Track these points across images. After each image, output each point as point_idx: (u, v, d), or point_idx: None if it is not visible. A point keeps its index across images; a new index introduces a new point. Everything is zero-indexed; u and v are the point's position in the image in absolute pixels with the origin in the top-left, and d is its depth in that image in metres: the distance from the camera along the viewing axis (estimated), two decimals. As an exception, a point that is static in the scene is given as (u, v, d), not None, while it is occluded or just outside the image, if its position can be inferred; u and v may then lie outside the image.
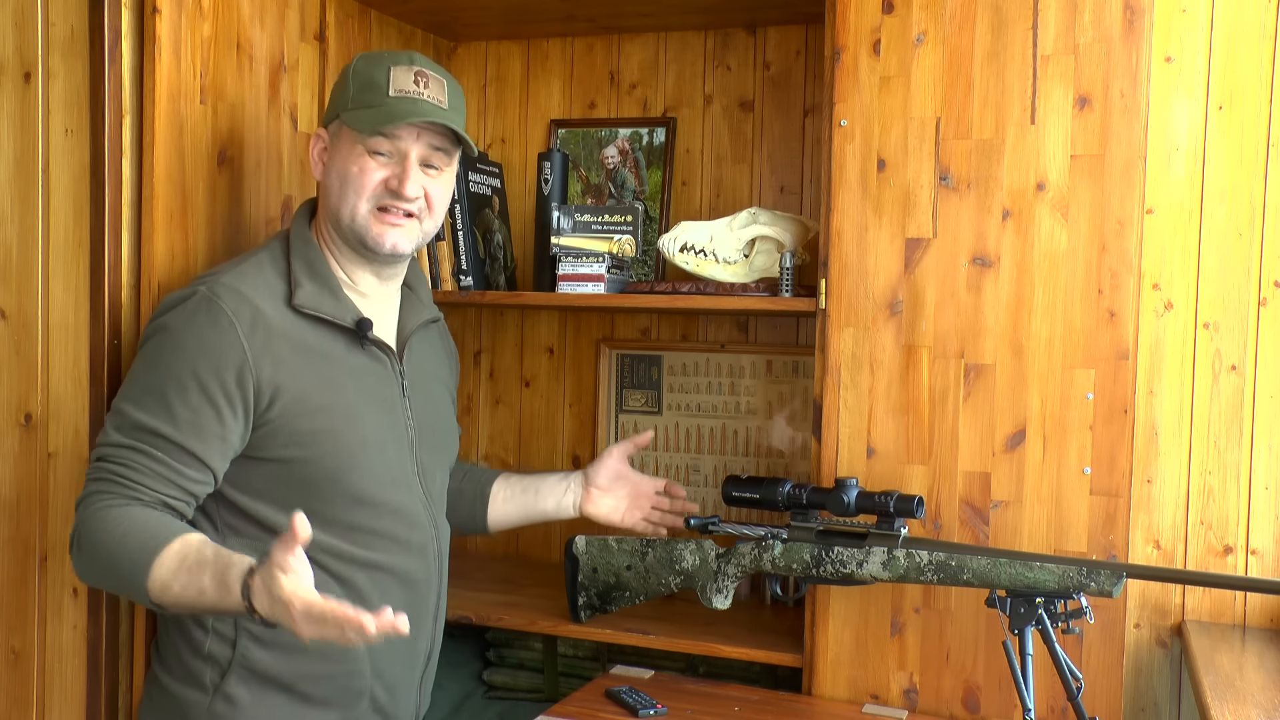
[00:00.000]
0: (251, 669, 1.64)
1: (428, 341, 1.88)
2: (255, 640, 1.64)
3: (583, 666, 2.26)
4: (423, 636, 1.80)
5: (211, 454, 1.58)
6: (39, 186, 1.81)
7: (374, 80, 1.67)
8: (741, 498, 1.92)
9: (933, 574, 1.75)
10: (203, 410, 1.57)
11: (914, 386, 1.88)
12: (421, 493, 1.77)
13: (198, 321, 1.59)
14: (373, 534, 1.69)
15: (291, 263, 1.69)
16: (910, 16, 1.87)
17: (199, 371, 1.57)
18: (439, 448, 1.86)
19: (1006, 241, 1.83)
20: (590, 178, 2.47)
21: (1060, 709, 1.79)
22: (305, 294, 1.66)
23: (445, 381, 1.96)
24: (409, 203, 1.68)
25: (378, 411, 1.71)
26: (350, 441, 1.66)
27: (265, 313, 1.62)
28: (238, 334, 1.59)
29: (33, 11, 1.79)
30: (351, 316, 1.69)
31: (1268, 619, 1.97)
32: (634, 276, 2.31)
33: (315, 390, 1.64)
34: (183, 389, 1.57)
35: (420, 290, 1.88)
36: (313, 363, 1.65)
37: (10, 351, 1.83)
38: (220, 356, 1.57)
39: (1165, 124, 2.00)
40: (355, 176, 1.66)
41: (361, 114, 1.66)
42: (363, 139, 1.66)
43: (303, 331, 1.65)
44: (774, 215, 2.10)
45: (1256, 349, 1.97)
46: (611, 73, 2.49)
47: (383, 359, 1.74)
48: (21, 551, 1.83)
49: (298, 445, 1.62)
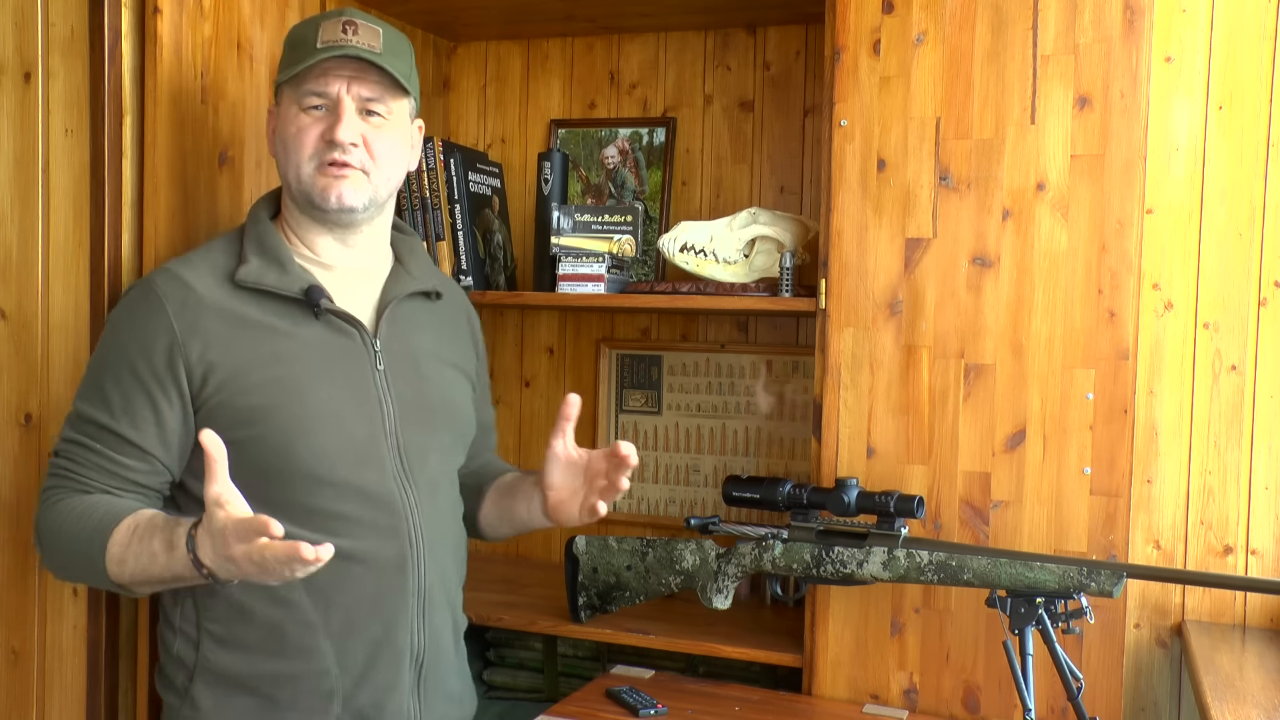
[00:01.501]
0: (215, 672, 1.59)
1: (423, 316, 1.77)
2: (216, 641, 1.59)
3: (583, 666, 2.26)
4: (402, 630, 1.64)
5: (149, 441, 1.55)
6: (39, 186, 1.81)
7: (304, 38, 1.63)
8: (741, 498, 1.92)
9: (933, 574, 1.75)
10: (135, 397, 1.55)
11: (914, 386, 1.88)
12: (398, 473, 1.64)
13: (134, 309, 1.58)
14: (335, 517, 1.59)
15: (243, 242, 1.65)
16: (910, 16, 1.87)
17: (130, 357, 1.56)
18: (434, 427, 1.73)
19: (1006, 241, 1.83)
20: (590, 178, 2.47)
21: (1060, 709, 1.79)
22: (248, 269, 1.61)
23: (449, 358, 1.81)
24: (346, 152, 1.61)
25: (338, 386, 1.62)
26: (300, 416, 1.58)
27: (199, 292, 1.58)
28: (167, 314, 1.56)
29: (33, 11, 1.79)
30: (299, 286, 1.62)
31: (1268, 619, 1.97)
32: (634, 276, 2.31)
33: (255, 366, 1.58)
34: (117, 377, 1.56)
35: (412, 264, 1.78)
36: (253, 338, 1.59)
37: (10, 351, 1.83)
38: (149, 339, 1.56)
39: (1165, 124, 2.00)
40: (294, 136, 1.62)
41: (288, 71, 1.62)
42: (296, 97, 1.62)
43: (244, 307, 1.60)
44: (774, 215, 2.10)
45: (1256, 349, 1.97)
46: (611, 73, 2.49)
47: (349, 331, 1.65)
48: (22, 551, 1.83)
49: (242, 425, 1.55)
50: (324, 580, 1.54)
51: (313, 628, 1.59)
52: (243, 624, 1.59)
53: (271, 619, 1.58)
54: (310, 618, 1.58)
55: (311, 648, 1.59)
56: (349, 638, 1.60)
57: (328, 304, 1.63)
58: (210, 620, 1.60)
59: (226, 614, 1.59)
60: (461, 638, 1.79)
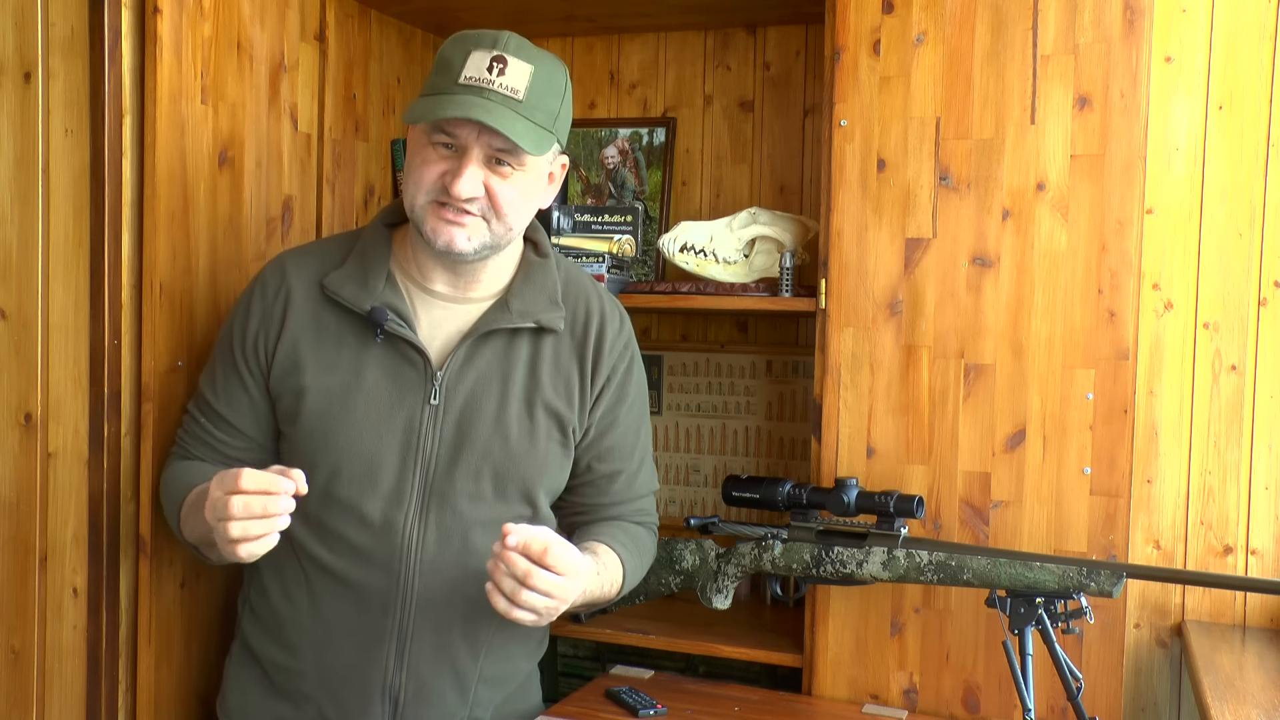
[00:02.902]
0: (243, 637, 1.71)
1: (518, 351, 1.64)
2: (250, 611, 1.70)
3: (583, 666, 2.26)
4: (375, 664, 1.59)
5: (243, 419, 1.65)
6: (39, 186, 1.80)
7: (450, 62, 1.54)
8: (741, 498, 1.92)
9: (933, 574, 1.75)
10: (230, 376, 1.65)
11: (914, 386, 1.88)
12: (415, 510, 1.58)
13: (246, 293, 1.68)
14: (335, 536, 1.59)
15: (355, 245, 1.67)
16: (910, 16, 1.87)
17: (231, 338, 1.66)
18: (479, 473, 1.61)
19: (1006, 241, 1.83)
20: (590, 178, 2.47)
21: (1060, 709, 1.79)
22: (334, 277, 1.62)
23: (544, 401, 1.65)
24: (462, 202, 1.52)
25: (380, 413, 1.58)
26: (332, 431, 1.58)
27: (297, 285, 1.64)
28: (264, 300, 1.64)
29: (33, 11, 1.79)
30: (369, 304, 1.58)
31: (1268, 619, 1.97)
32: (634, 276, 2.31)
33: (312, 369, 1.61)
34: (222, 356, 1.67)
35: (525, 293, 1.65)
36: (321, 342, 1.62)
37: (10, 351, 1.83)
38: (245, 323, 1.65)
39: (1165, 124, 2.00)
40: (417, 167, 1.56)
41: (422, 101, 1.53)
42: (427, 126, 1.53)
43: (324, 311, 1.63)
44: (774, 215, 2.10)
45: (1256, 349, 1.97)
46: (611, 73, 2.49)
47: (412, 359, 1.59)
48: (21, 551, 1.83)
49: (288, 420, 1.63)
50: (318, 590, 1.63)
51: (302, 630, 1.64)
52: (264, 603, 1.68)
53: (280, 610, 1.65)
54: (303, 620, 1.64)
55: (298, 647, 1.64)
56: (326, 651, 1.63)
57: (392, 328, 1.58)
58: (254, 591, 1.71)
59: (259, 591, 1.69)
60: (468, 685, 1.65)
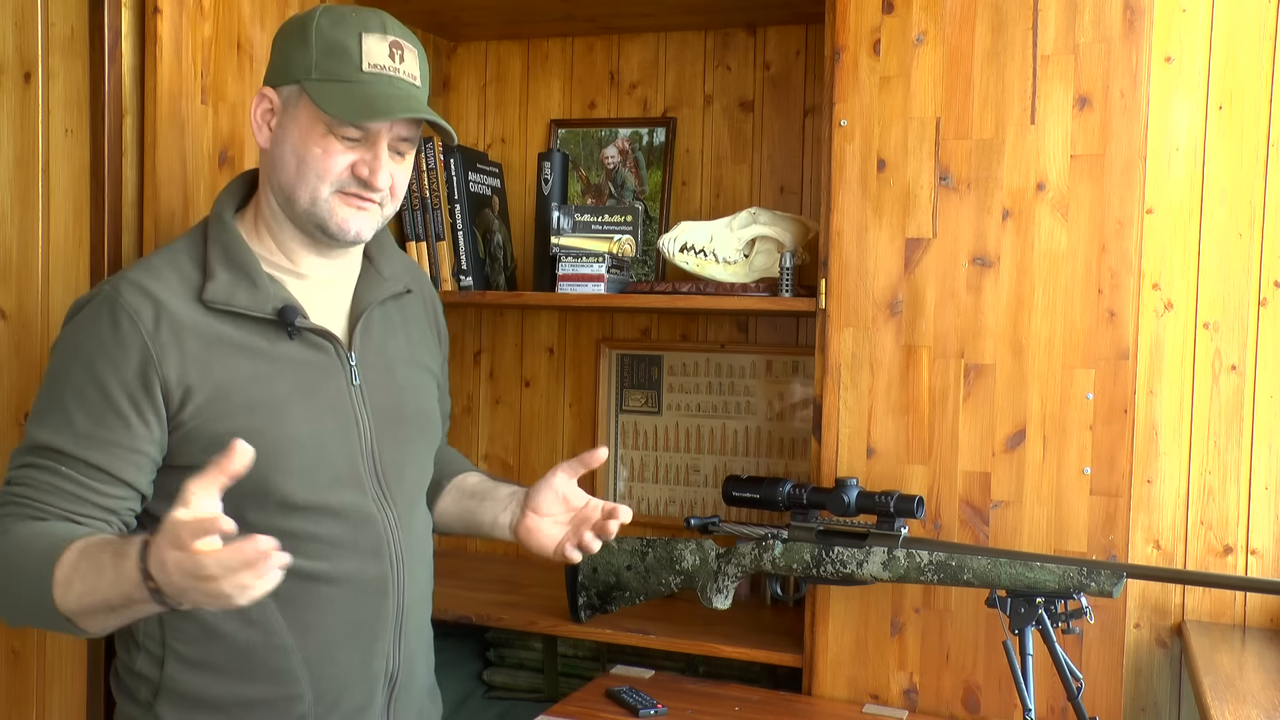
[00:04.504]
0: (180, 693, 1.50)
1: (394, 319, 1.68)
2: (183, 661, 1.50)
3: (583, 666, 2.26)
4: (379, 654, 1.58)
5: (124, 467, 1.43)
6: (39, 186, 1.81)
7: (343, 46, 1.48)
8: (741, 498, 1.92)
9: (933, 574, 1.75)
10: (107, 419, 1.42)
11: (914, 386, 1.88)
12: (377, 491, 1.57)
13: (98, 324, 1.44)
14: (314, 540, 1.50)
15: (208, 250, 1.51)
16: (910, 16, 1.87)
17: (99, 376, 1.42)
18: (407, 438, 1.65)
19: (1006, 241, 1.83)
20: (590, 178, 2.47)
21: (1060, 709, 1.79)
22: (217, 286, 1.48)
23: (421, 361, 1.73)
24: (377, 192, 1.52)
25: (315, 406, 1.53)
26: (279, 441, 1.48)
27: (172, 308, 1.46)
28: (140, 332, 1.43)
29: (33, 11, 1.79)
30: (272, 306, 1.50)
31: (1268, 619, 1.97)
32: (634, 276, 2.31)
33: (235, 388, 1.47)
34: (83, 398, 1.42)
35: (382, 261, 1.67)
36: (231, 358, 1.48)
37: (10, 351, 1.83)
38: (121, 358, 1.43)
39: (1165, 124, 2.00)
40: (318, 159, 1.49)
41: (331, 90, 1.47)
42: (326, 116, 1.48)
43: (218, 326, 1.48)
44: (774, 215, 2.10)
45: (1256, 349, 1.97)
46: (611, 73, 2.49)
47: (324, 346, 1.55)
48: (21, 551, 1.83)
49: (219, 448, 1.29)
50: (301, 603, 1.50)
51: (287, 651, 1.51)
52: (212, 644, 1.50)
53: (243, 641, 1.49)
54: (285, 641, 1.51)
55: (284, 671, 1.51)
56: (325, 662, 1.53)
57: (303, 322, 1.53)
58: (177, 639, 1.50)
59: (195, 633, 1.49)
60: (432, 651, 1.73)
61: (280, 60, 1.54)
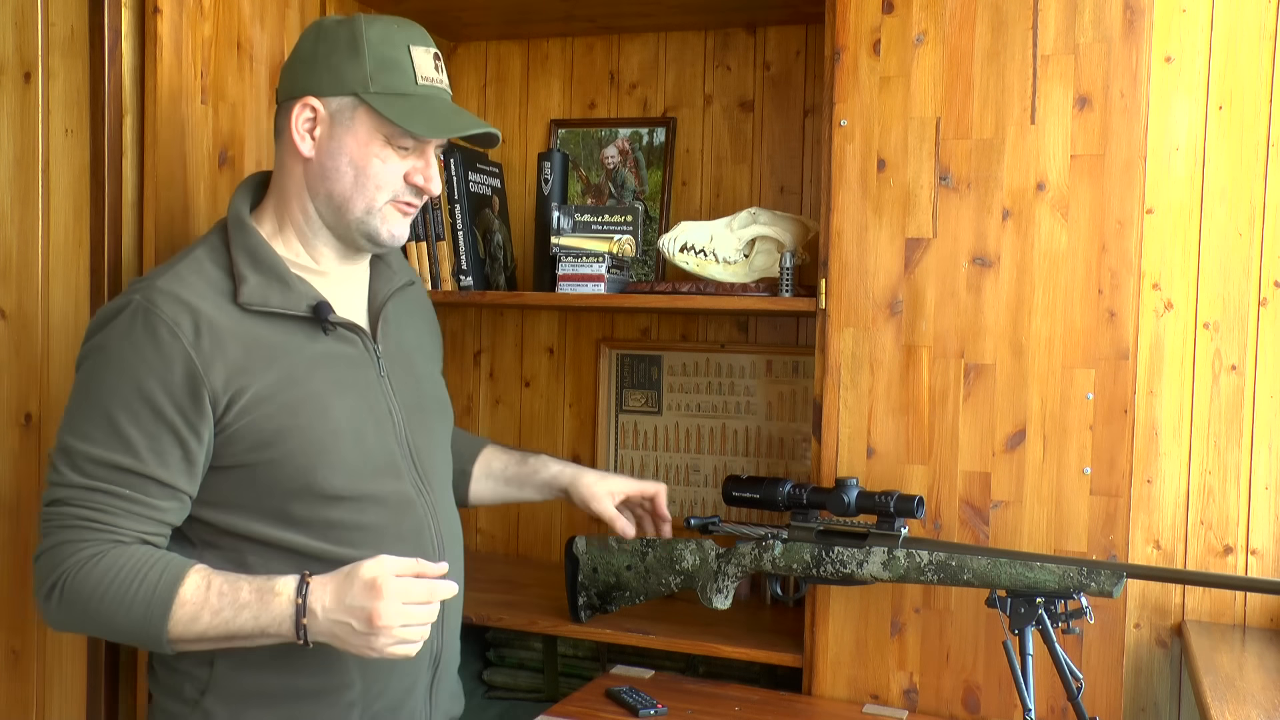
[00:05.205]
0: (230, 688, 1.54)
1: (404, 310, 1.74)
2: (231, 660, 1.53)
3: (583, 666, 2.26)
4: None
5: (179, 479, 1.47)
6: (39, 186, 1.81)
7: (396, 60, 1.53)
8: (741, 498, 1.92)
9: (933, 574, 1.75)
10: (160, 435, 1.45)
11: (914, 386, 1.88)
12: (414, 477, 1.63)
13: (135, 336, 1.46)
14: (357, 529, 1.56)
15: (232, 255, 1.54)
16: (910, 16, 1.87)
17: (147, 391, 1.44)
18: (431, 426, 1.71)
19: (1006, 241, 1.83)
20: (590, 178, 2.47)
21: (1060, 709, 1.79)
22: (250, 289, 1.52)
23: (428, 351, 1.81)
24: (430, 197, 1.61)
25: (352, 398, 1.58)
26: (321, 436, 1.53)
27: (209, 315, 1.48)
28: (181, 343, 1.45)
29: (33, 11, 1.79)
30: (306, 303, 1.55)
31: (1268, 619, 1.97)
32: (634, 276, 2.31)
33: (277, 388, 1.51)
34: (133, 414, 1.44)
35: (394, 260, 1.75)
36: (271, 358, 1.52)
37: (10, 351, 1.83)
38: (166, 372, 1.45)
39: (1165, 124, 2.00)
40: (379, 170, 1.55)
41: (396, 104, 1.52)
42: (384, 127, 1.53)
43: (254, 327, 1.52)
44: (774, 215, 2.10)
45: (1256, 349, 1.97)
46: (611, 73, 2.49)
47: (353, 340, 1.60)
48: (21, 551, 1.83)
49: (264, 448, 1.49)
50: None
51: None
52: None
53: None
54: None
55: (334, 660, 1.54)
56: None
57: (335, 317, 1.58)
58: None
59: None
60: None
61: (326, 70, 1.54)
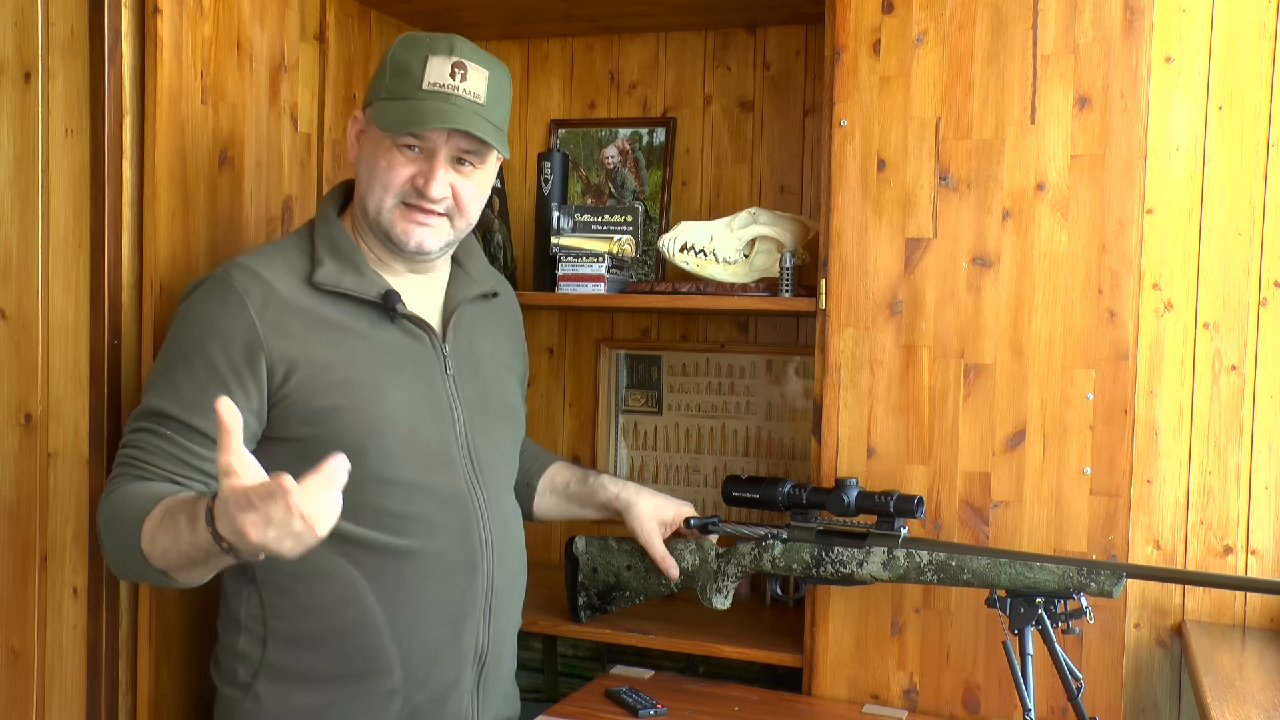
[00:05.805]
0: (280, 669, 1.61)
1: (484, 317, 1.80)
2: (283, 640, 1.60)
3: (583, 666, 2.26)
4: (468, 632, 1.66)
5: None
6: (39, 186, 1.81)
7: (409, 68, 1.60)
8: (741, 498, 1.92)
9: (933, 574, 1.75)
10: (210, 388, 1.51)
11: (914, 386, 1.88)
12: (469, 474, 1.66)
13: (208, 301, 1.57)
14: (405, 518, 1.60)
15: (315, 242, 1.65)
16: (910, 16, 1.87)
17: (206, 349, 1.54)
18: (494, 429, 1.75)
19: (1006, 241, 1.83)
20: (590, 178, 2.47)
21: (1060, 709, 1.79)
22: (325, 271, 1.61)
23: (505, 360, 1.85)
24: (435, 203, 1.62)
25: (411, 390, 1.63)
26: (373, 418, 1.59)
27: (279, 290, 1.58)
28: (247, 310, 1.55)
29: (33, 11, 1.79)
30: (376, 290, 1.63)
31: (1268, 619, 1.97)
32: (634, 276, 2.31)
33: (335, 365, 1.58)
34: (190, 368, 1.54)
35: (470, 265, 1.80)
36: (334, 337, 1.59)
37: (10, 351, 1.83)
38: (228, 333, 1.54)
39: (1165, 124, 2.00)
40: (382, 171, 1.61)
41: (390, 107, 1.59)
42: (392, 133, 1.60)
43: (324, 307, 1.60)
44: (774, 215, 2.10)
45: (1256, 349, 1.97)
46: (611, 73, 2.49)
47: (420, 336, 1.66)
48: (21, 551, 1.83)
49: (316, 422, 1.56)
50: (390, 580, 1.59)
51: (378, 628, 1.59)
52: (310, 621, 1.59)
53: (338, 618, 1.59)
54: (376, 618, 1.59)
55: (375, 647, 1.59)
56: (413, 639, 1.61)
57: (402, 308, 1.64)
58: (277, 618, 1.61)
59: (293, 611, 1.60)
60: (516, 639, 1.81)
61: (370, 85, 1.68)
